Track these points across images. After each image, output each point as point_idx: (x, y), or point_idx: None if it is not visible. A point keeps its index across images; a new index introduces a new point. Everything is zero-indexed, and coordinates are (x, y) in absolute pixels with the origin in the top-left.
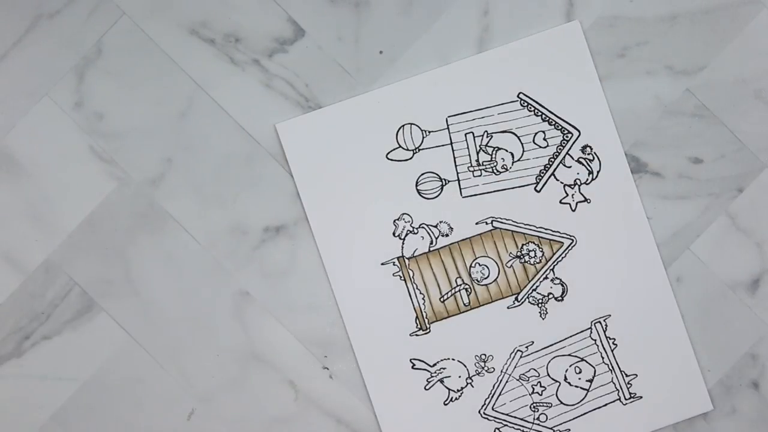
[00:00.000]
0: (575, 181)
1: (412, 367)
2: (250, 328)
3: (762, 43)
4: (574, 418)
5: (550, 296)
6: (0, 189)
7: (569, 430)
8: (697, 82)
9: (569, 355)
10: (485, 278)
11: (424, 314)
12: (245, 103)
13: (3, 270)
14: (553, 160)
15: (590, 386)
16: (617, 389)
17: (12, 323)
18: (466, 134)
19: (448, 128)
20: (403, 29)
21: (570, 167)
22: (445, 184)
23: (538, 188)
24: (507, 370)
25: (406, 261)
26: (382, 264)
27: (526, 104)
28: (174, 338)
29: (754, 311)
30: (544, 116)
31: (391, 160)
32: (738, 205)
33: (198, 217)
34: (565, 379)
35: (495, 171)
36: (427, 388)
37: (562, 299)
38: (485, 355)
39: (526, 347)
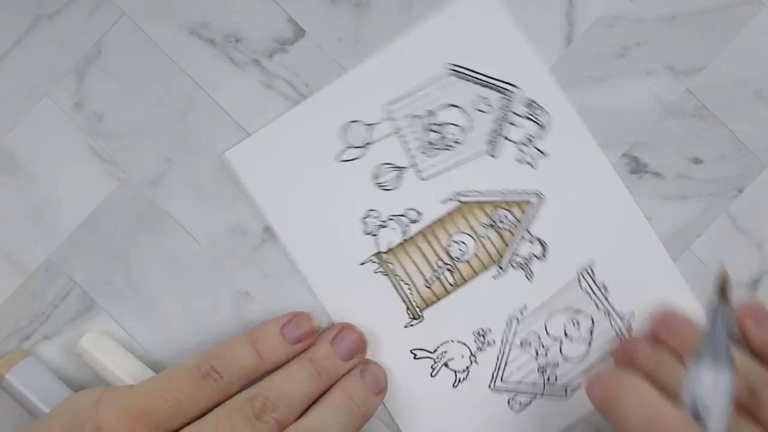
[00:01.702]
0: (528, 137)
1: (414, 358)
2: (250, 328)
3: (762, 43)
4: (583, 371)
5: (532, 256)
6: (0, 189)
7: (580, 384)
8: (697, 82)
9: (564, 309)
10: (465, 254)
11: (414, 303)
12: (245, 103)
13: (3, 270)
14: (500, 122)
15: (592, 337)
16: (620, 334)
17: (12, 323)
18: (409, 117)
19: (390, 117)
20: (403, 29)
21: (519, 126)
22: (403, 171)
23: (493, 154)
24: (507, 339)
25: (384, 256)
26: (361, 264)
27: (459, 74)
28: (174, 338)
29: None
30: (480, 81)
31: (344, 161)
32: (738, 205)
33: (198, 217)
34: (566, 334)
35: (447, 147)
36: (433, 375)
37: (545, 257)
38: (483, 329)
39: (521, 312)
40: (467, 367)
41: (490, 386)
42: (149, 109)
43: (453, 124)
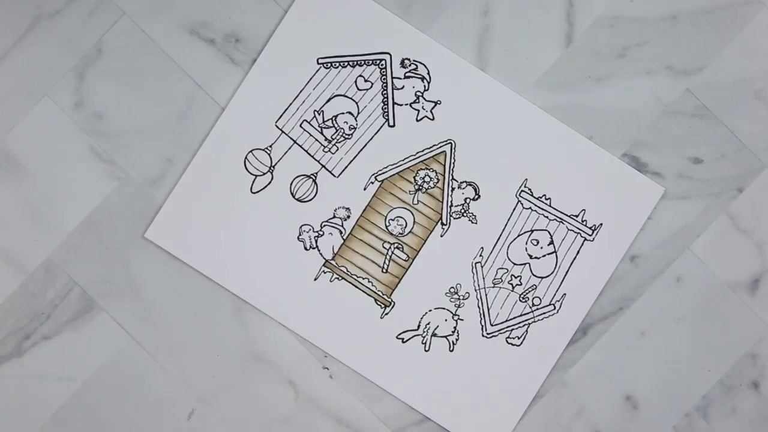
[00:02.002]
0: (416, 94)
1: (403, 342)
2: (250, 328)
3: (762, 43)
4: (562, 282)
5: (468, 200)
6: (0, 189)
7: (565, 294)
8: (697, 82)
9: (519, 234)
10: (405, 227)
11: (379, 293)
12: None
13: (3, 270)
14: (385, 92)
15: (555, 247)
16: (578, 232)
17: (12, 323)
18: (300, 125)
19: (283, 132)
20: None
21: (403, 87)
22: (316, 176)
23: (391, 123)
24: (479, 285)
25: (332, 262)
26: (315, 280)
27: (329, 65)
28: (174, 338)
29: (754, 311)
30: (350, 63)
31: (258, 191)
32: (738, 205)
33: None
34: (531, 256)
35: (346, 136)
36: (427, 349)
37: (479, 196)
38: (453, 287)
39: (480, 255)
40: (454, 328)
41: (483, 335)
42: (149, 109)
43: (342, 113)
